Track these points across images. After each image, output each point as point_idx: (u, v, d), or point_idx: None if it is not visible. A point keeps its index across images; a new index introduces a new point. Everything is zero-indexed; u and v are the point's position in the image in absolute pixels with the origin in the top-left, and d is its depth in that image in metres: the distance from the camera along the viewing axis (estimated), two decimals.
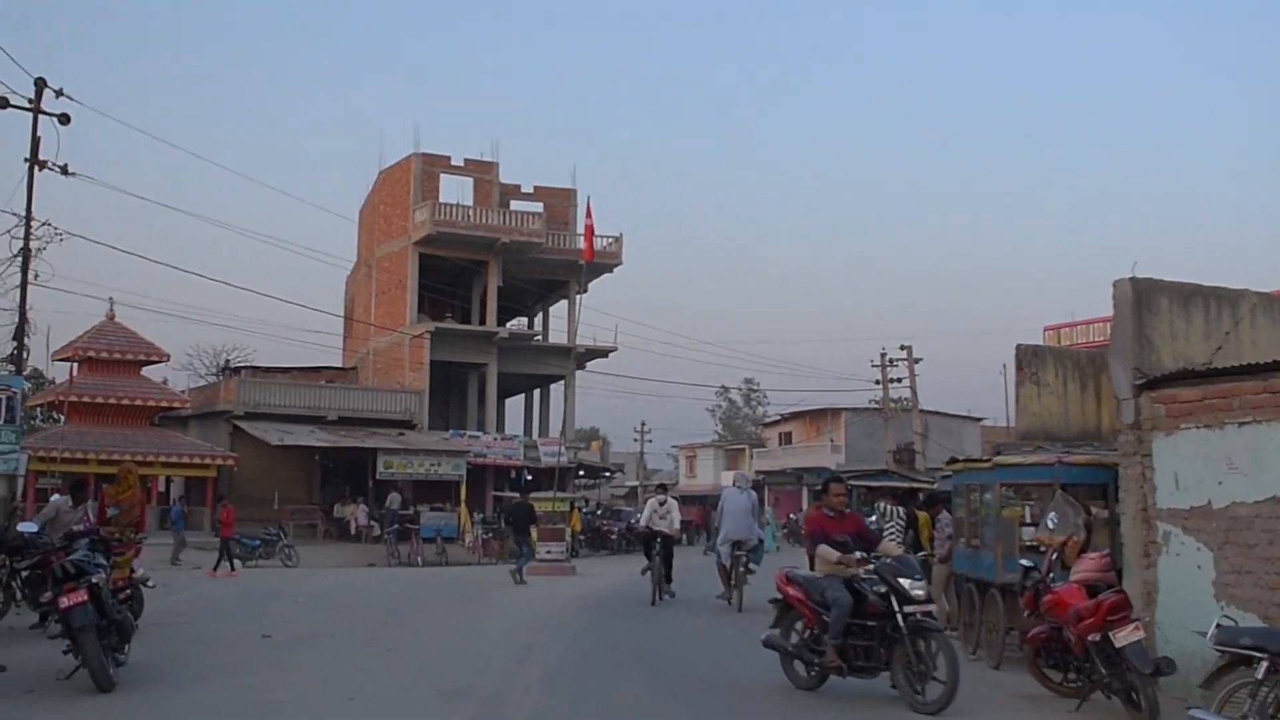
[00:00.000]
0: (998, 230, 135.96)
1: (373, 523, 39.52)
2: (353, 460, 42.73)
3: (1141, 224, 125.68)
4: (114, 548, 12.45)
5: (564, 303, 53.44)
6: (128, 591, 12.33)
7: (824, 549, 9.97)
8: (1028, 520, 12.37)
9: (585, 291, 53.24)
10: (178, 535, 31.21)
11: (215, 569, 25.32)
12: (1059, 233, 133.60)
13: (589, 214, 27.76)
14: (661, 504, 19.24)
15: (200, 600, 18.64)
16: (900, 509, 15.84)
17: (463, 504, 41.75)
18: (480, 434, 46.56)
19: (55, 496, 17.52)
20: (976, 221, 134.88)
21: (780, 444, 72.25)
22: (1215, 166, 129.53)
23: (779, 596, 10.24)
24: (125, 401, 39.59)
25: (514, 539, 26.52)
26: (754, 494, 19.80)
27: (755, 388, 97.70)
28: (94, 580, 9.68)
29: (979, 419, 70.25)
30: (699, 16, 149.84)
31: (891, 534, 15.25)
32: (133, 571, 13.22)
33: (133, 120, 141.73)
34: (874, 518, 15.31)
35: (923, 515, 15.80)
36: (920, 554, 13.98)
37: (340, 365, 54.41)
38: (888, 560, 9.53)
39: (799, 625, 10.14)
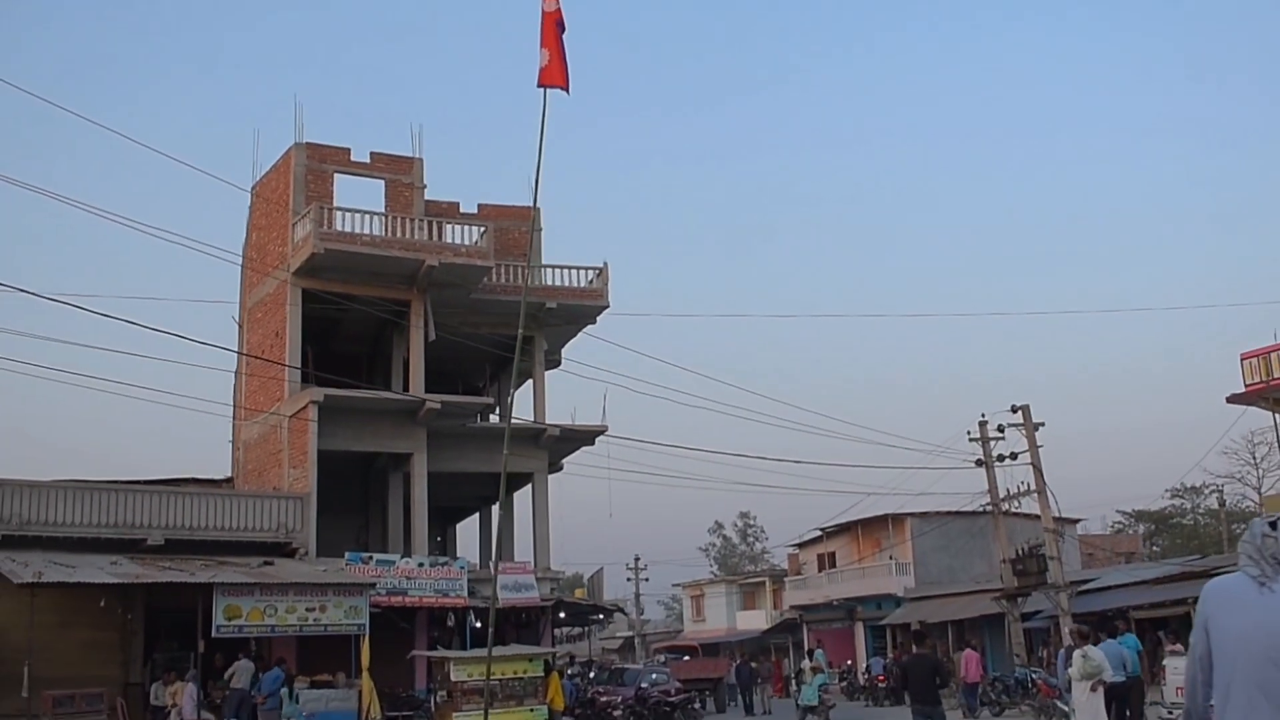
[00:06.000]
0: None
1: (206, 716, 22.93)
2: (188, 609, 26.12)
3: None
4: None
5: (529, 369, 37.17)
6: None
7: None
8: None
9: (557, 363, 37.96)
10: None
11: None
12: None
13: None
14: None
15: None
16: None
17: (364, 673, 25.07)
18: (397, 560, 29.79)
19: None
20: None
21: (821, 568, 55.28)
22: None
23: None
24: None
25: (915, 711, 16.95)
26: None
27: (752, 522, 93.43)
28: None
29: (1076, 520, 54.25)
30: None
31: None
32: None
33: None
34: None
35: None
36: None
37: (216, 477, 37.95)
38: None
39: None
